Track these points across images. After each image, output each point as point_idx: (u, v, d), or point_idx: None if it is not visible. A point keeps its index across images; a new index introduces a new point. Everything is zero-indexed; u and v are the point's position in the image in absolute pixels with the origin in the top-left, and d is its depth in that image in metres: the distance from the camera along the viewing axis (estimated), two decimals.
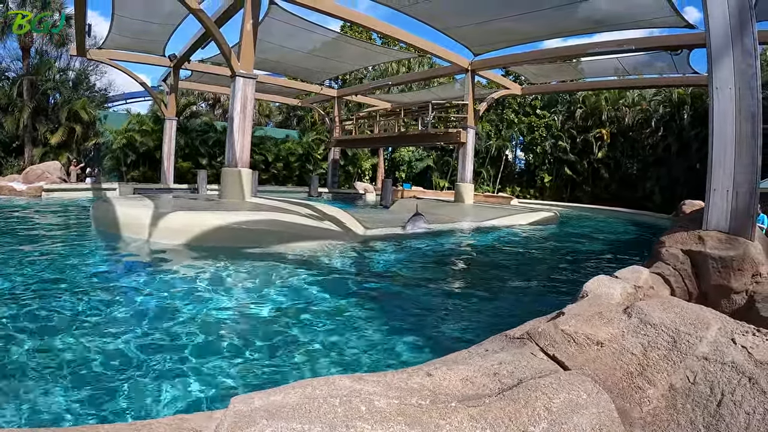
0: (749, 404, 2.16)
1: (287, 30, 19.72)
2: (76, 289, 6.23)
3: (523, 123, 39.15)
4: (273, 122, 49.42)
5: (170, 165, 24.81)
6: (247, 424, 1.61)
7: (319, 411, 1.71)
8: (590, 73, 24.61)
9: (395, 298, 7.02)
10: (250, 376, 4.03)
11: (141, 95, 43.01)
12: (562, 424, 1.79)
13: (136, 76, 25.10)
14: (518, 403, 1.86)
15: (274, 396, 1.84)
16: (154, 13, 17.88)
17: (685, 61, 19.81)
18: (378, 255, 10.44)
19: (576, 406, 1.89)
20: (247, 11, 14.03)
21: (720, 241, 5.20)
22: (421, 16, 17.13)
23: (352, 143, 31.60)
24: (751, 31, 5.49)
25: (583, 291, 3.53)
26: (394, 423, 1.69)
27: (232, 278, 7.35)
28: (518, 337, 2.76)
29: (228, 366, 4.20)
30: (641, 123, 33.25)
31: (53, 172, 22.46)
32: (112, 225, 10.44)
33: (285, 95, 33.72)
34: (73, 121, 30.64)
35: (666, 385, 2.33)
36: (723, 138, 5.51)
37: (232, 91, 14.39)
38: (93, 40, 22.86)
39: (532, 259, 11.44)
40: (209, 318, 5.39)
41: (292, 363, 4.33)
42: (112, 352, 4.31)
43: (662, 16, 15.31)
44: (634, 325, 2.70)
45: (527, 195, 38.15)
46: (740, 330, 2.61)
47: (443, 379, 2.14)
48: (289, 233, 10.35)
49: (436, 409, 1.82)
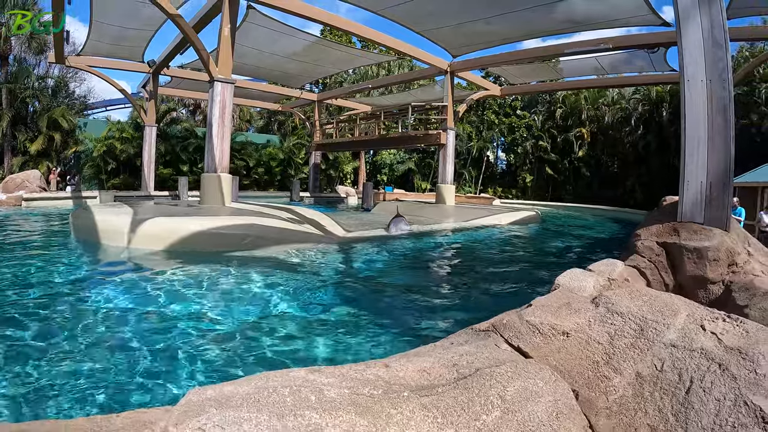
0: (719, 391, 2.13)
1: (266, 34, 19.61)
2: (50, 296, 6.14)
3: (504, 124, 39.35)
4: (254, 127, 49.16)
5: (151, 172, 24.60)
6: (197, 413, 1.61)
7: (268, 400, 1.70)
8: (569, 72, 24.76)
9: (373, 299, 6.96)
10: (216, 377, 3.96)
11: (121, 102, 42.78)
12: (516, 413, 1.76)
13: (115, 83, 24.86)
14: (471, 392, 1.83)
15: (228, 387, 1.82)
16: (133, 19, 17.69)
17: (663, 58, 19.98)
18: (357, 256, 10.38)
19: (531, 394, 1.86)
20: (224, 16, 13.96)
21: (695, 232, 5.19)
22: (399, 19, 17.11)
23: (333, 147, 31.52)
24: (721, 23, 5.50)
25: (555, 284, 3.50)
26: (344, 412, 1.67)
27: (205, 282, 7.25)
28: (484, 329, 2.72)
29: (192, 365, 4.14)
30: (621, 121, 33.51)
31: (33, 180, 22.17)
32: (91, 233, 10.31)
33: (265, 100, 33.59)
34: (52, 129, 30.27)
35: (633, 373, 2.29)
36: (696, 130, 5.52)
37: (211, 96, 14.30)
38: (72, 47, 22.66)
39: (513, 258, 11.42)
40: (180, 320, 5.31)
41: (270, 365, 4.26)
42: (80, 356, 4.23)
43: (639, 15, 15.41)
44: (601, 314, 2.67)
45: (509, 195, 38.31)
46: (710, 316, 2.57)
47: (400, 371, 2.09)
48: (269, 237, 10.29)
49: (388, 398, 1.79)
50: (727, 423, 2.02)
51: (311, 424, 1.62)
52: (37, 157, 29.82)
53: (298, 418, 1.62)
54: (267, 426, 1.58)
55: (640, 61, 21.24)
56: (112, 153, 28.39)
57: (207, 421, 1.58)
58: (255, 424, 1.58)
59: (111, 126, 30.51)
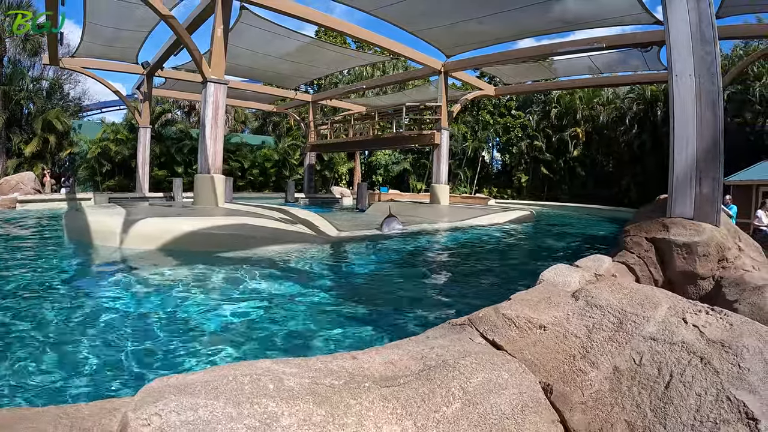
0: (700, 385, 2.07)
1: (260, 35, 19.58)
2: (41, 295, 6.12)
3: (499, 124, 39.37)
4: (249, 129, 49.15)
5: (145, 173, 24.52)
6: (155, 399, 1.62)
7: (226, 387, 1.71)
8: (564, 72, 24.78)
9: (364, 297, 6.92)
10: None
11: (116, 104, 42.64)
12: (477, 405, 1.73)
13: (109, 85, 24.81)
14: (433, 383, 1.80)
15: (192, 376, 1.82)
16: (126, 20, 17.67)
17: (656, 57, 20.00)
18: (350, 256, 10.36)
19: (495, 386, 1.82)
20: (217, 17, 13.93)
21: (684, 227, 5.16)
22: (392, 19, 17.09)
23: (328, 147, 31.51)
24: (709, 17, 5.48)
25: (540, 279, 3.46)
26: (302, 401, 1.67)
27: (194, 282, 7.20)
28: (460, 323, 2.68)
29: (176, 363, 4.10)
30: (616, 121, 33.53)
31: (27, 182, 22.15)
32: (83, 234, 10.27)
33: (260, 101, 33.53)
34: (47, 131, 30.24)
35: (610, 367, 2.24)
36: (684, 125, 5.49)
37: (204, 97, 14.27)
38: (66, 49, 22.57)
39: (506, 256, 11.40)
40: (172, 319, 5.28)
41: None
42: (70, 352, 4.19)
43: (632, 14, 15.42)
44: (580, 307, 2.62)
45: (505, 195, 38.33)
46: (692, 309, 2.52)
47: (366, 362, 2.06)
48: (261, 237, 10.25)
49: (348, 389, 1.77)
50: (709, 419, 1.96)
51: (267, 413, 1.61)
52: (31, 159, 29.79)
53: (254, 406, 1.62)
54: (222, 412, 1.58)
55: (634, 60, 21.26)
56: (106, 155, 28.36)
57: (164, 406, 1.58)
58: (210, 411, 1.58)
59: (106, 128, 30.47)
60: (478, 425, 1.78)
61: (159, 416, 1.55)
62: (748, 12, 17.80)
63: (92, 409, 1.75)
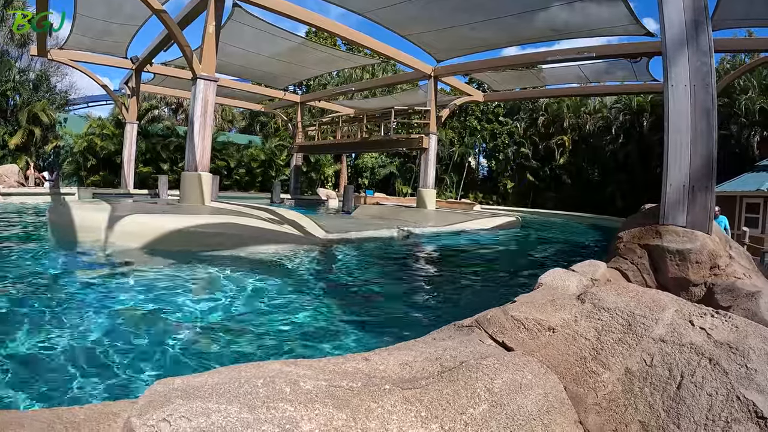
0: (711, 385, 2.10)
1: (251, 34, 19.48)
2: (21, 291, 6.03)
3: (486, 130, 39.54)
4: (236, 128, 48.97)
5: (131, 170, 24.26)
6: (161, 404, 1.53)
7: (239, 391, 1.62)
8: (552, 80, 24.91)
9: (350, 299, 6.90)
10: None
11: (103, 99, 42.31)
12: (505, 406, 1.70)
13: (97, 78, 24.56)
14: (457, 384, 1.77)
15: (198, 378, 1.74)
16: (117, 13, 17.49)
17: (645, 68, 20.17)
18: (337, 257, 10.33)
19: (520, 386, 1.80)
20: (209, 13, 13.84)
21: (677, 234, 5.19)
22: (384, 22, 17.08)
23: (315, 149, 31.46)
24: (705, 28, 5.52)
25: (539, 283, 3.45)
26: (321, 405, 1.60)
27: (178, 280, 7.14)
28: (467, 325, 2.67)
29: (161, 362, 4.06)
30: (602, 130, 33.82)
31: (11, 175, 21.91)
32: (68, 229, 10.12)
33: (248, 100, 33.37)
34: (32, 124, 29.88)
35: (621, 368, 2.25)
36: (678, 133, 5.52)
37: (193, 93, 14.16)
38: (55, 40, 22.33)
39: (492, 260, 11.46)
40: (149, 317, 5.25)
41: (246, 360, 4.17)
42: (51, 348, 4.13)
43: (622, 25, 15.53)
44: (588, 310, 2.62)
45: (490, 201, 38.48)
46: (698, 312, 2.55)
47: (380, 364, 2.03)
48: (247, 237, 10.17)
49: (368, 391, 1.72)
50: (720, 418, 1.99)
51: (285, 417, 1.53)
52: (16, 151, 29.39)
53: (272, 410, 1.54)
54: (237, 418, 1.50)
55: (622, 70, 21.42)
56: (92, 149, 28.13)
57: (173, 411, 1.50)
58: (224, 416, 1.50)
59: (92, 122, 30.25)
60: (507, 427, 1.75)
61: (168, 422, 1.47)
62: (736, 27, 18.04)
63: (88, 413, 1.68)
